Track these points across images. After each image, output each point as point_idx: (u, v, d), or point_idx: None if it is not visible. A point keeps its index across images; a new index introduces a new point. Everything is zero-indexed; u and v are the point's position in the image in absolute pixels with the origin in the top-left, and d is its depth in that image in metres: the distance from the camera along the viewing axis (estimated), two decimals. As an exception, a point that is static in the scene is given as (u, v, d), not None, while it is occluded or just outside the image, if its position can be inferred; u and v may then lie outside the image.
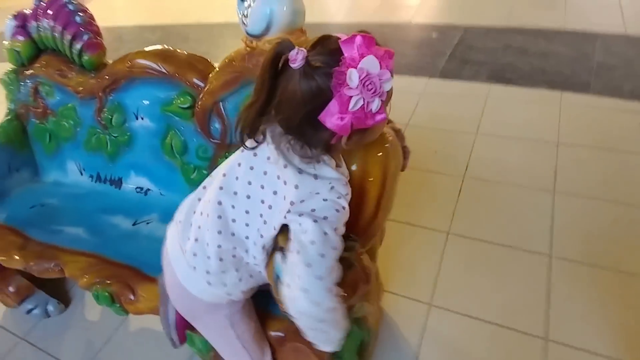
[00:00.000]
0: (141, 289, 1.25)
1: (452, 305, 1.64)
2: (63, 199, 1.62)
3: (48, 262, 1.37)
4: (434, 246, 1.85)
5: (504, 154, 2.29)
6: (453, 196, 2.08)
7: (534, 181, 2.10)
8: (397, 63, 1.10)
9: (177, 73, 1.35)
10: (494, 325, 1.56)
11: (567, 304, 1.59)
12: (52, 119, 1.64)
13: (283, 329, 1.09)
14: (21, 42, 1.57)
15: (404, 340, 1.56)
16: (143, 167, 1.55)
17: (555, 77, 2.84)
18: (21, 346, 1.71)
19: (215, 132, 1.36)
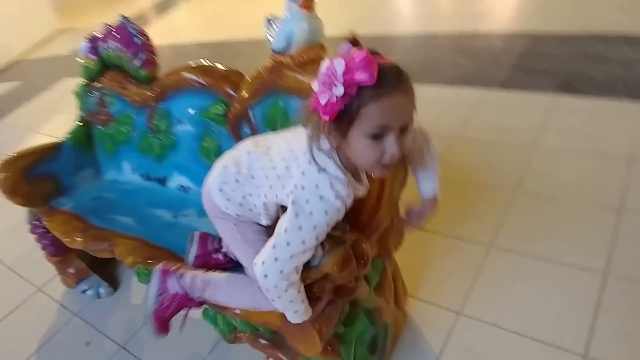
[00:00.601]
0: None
1: (483, 316, 1.60)
2: (118, 194, 1.90)
3: (102, 243, 1.61)
4: (473, 258, 1.81)
5: (565, 169, 2.14)
6: (499, 210, 1.99)
7: (596, 198, 1.95)
8: (451, 74, 1.13)
9: (214, 84, 1.59)
10: (527, 338, 1.50)
11: (616, 323, 1.49)
12: (112, 125, 1.93)
13: None
14: (92, 60, 1.90)
15: (426, 345, 1.56)
16: (184, 168, 1.78)
17: (636, 88, 2.54)
18: (75, 321, 1.99)
19: (245, 135, 1.55)
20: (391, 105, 0.87)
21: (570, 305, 1.58)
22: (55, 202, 1.87)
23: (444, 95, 2.88)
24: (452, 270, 1.79)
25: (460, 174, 2.23)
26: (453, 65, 3.22)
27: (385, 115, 0.88)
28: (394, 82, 0.87)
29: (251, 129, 1.54)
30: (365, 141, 0.90)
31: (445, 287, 1.73)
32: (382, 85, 0.85)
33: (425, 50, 3.58)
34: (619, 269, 1.65)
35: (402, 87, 0.88)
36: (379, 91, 0.86)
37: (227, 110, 1.58)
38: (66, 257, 2.00)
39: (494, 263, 1.78)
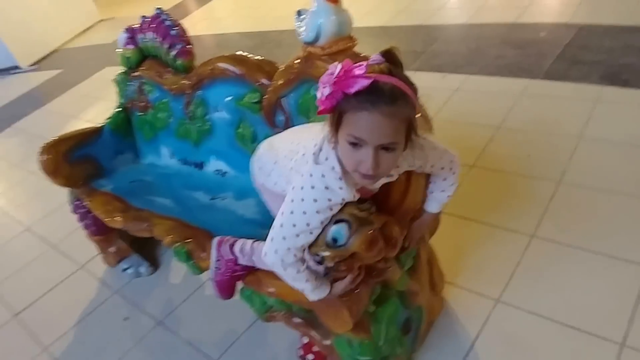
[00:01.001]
0: (211, 247, 1.50)
1: (521, 303, 1.61)
2: (156, 177, 2.00)
3: (142, 223, 1.71)
4: (515, 248, 1.81)
5: (611, 160, 2.11)
6: (544, 201, 1.98)
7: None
8: (495, 64, 1.09)
9: (248, 74, 1.65)
10: (565, 325, 1.52)
11: None
12: (151, 111, 2.03)
13: None
14: (131, 50, 1.99)
15: (462, 330, 1.59)
16: (221, 153, 1.86)
17: None
18: (114, 298, 2.11)
19: (279, 122, 1.61)
20: (368, 122, 0.91)
21: (611, 295, 1.58)
22: (95, 183, 1.99)
23: (488, 85, 2.89)
24: (492, 258, 1.81)
25: (504, 163, 2.25)
26: (498, 56, 3.20)
27: (360, 129, 0.92)
28: (378, 101, 0.90)
29: (285, 116, 1.60)
30: (346, 145, 0.96)
31: (484, 275, 1.75)
32: (366, 100, 0.90)
33: (471, 40, 3.57)
34: None
35: (386, 109, 0.90)
36: (360, 105, 0.90)
37: (261, 99, 1.63)
38: (107, 237, 2.12)
39: (535, 253, 1.78)
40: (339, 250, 1.07)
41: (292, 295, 1.32)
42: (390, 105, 0.91)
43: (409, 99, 0.94)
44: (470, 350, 1.53)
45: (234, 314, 1.84)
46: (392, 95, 0.91)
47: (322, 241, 1.08)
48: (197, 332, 1.85)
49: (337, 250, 1.07)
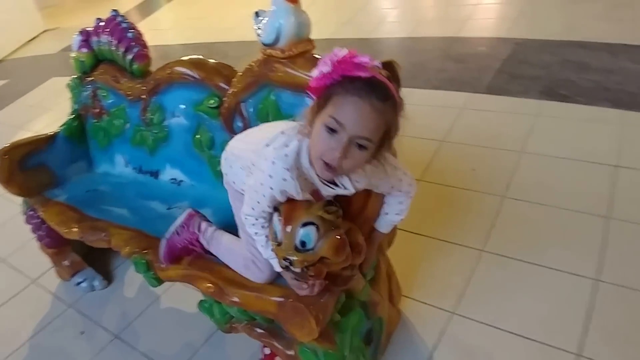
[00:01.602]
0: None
1: (476, 316, 1.64)
2: (111, 186, 1.94)
3: (99, 233, 1.66)
4: (466, 262, 1.84)
5: (552, 176, 2.17)
6: (490, 215, 2.02)
7: (584, 205, 1.97)
8: (437, 78, 1.19)
9: (206, 78, 1.63)
10: (521, 337, 1.55)
11: (610, 325, 1.54)
12: (106, 118, 1.97)
13: (283, 294, 1.25)
14: (85, 53, 1.93)
15: (420, 341, 1.61)
16: (177, 161, 1.83)
17: (619, 94, 2.61)
18: (69, 312, 2.04)
19: (237, 128, 1.59)
20: (354, 107, 0.93)
21: (563, 307, 1.62)
22: (49, 193, 1.92)
23: (431, 98, 2.95)
24: (445, 272, 1.84)
25: (450, 177, 2.29)
26: (440, 70, 3.29)
27: (344, 112, 0.93)
28: (372, 92, 0.92)
29: (243, 122, 1.58)
30: (321, 130, 0.96)
31: (438, 288, 1.77)
32: (361, 88, 0.92)
33: (412, 54, 3.64)
34: (611, 276, 1.69)
35: (377, 103, 0.92)
36: (353, 90, 0.92)
37: (219, 103, 1.61)
38: (62, 249, 2.05)
39: (487, 266, 1.83)
40: (307, 255, 1.06)
41: (255, 304, 1.32)
42: (382, 102, 0.93)
43: (397, 108, 0.96)
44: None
45: (192, 326, 1.81)
46: (386, 94, 0.93)
47: (290, 245, 1.06)
48: (155, 345, 1.81)
49: (305, 254, 1.06)
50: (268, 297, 1.29)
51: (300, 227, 1.05)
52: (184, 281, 1.47)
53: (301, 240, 1.05)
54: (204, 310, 1.52)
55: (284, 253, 1.08)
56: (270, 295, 1.29)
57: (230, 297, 1.34)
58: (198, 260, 1.45)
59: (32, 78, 5.29)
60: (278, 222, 1.09)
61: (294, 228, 1.06)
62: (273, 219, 1.12)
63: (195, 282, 1.43)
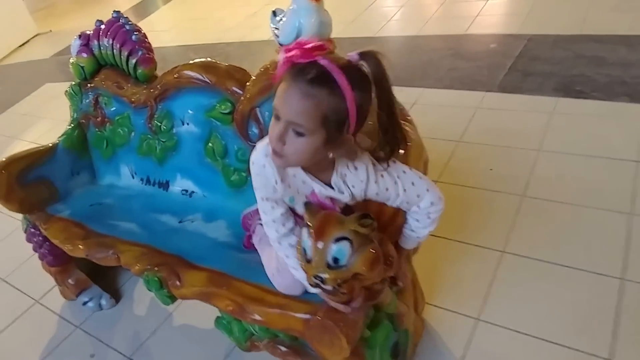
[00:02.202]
0: (186, 274, 1.40)
1: (502, 321, 1.59)
2: (117, 199, 1.84)
3: (107, 251, 1.56)
4: (487, 264, 1.80)
5: (571, 173, 2.12)
6: (510, 215, 1.98)
7: (606, 202, 1.93)
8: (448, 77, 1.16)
9: (218, 82, 1.53)
10: (549, 342, 1.50)
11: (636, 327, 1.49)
12: (109, 127, 1.87)
13: (310, 311, 1.17)
14: (85, 58, 1.83)
15: (447, 352, 1.56)
16: (188, 171, 1.73)
17: (638, 88, 2.53)
18: (77, 333, 1.93)
19: (253, 135, 1.51)
20: (285, 92, 0.94)
21: (590, 309, 1.57)
22: (51, 208, 1.82)
23: (444, 98, 2.89)
24: (467, 276, 1.77)
25: (467, 178, 2.23)
26: (451, 68, 3.21)
27: (278, 98, 0.96)
28: (302, 77, 0.91)
29: (259, 128, 1.49)
30: (272, 119, 0.99)
31: (461, 294, 1.71)
32: (295, 73, 0.93)
33: (422, 52, 3.56)
34: (635, 274, 1.64)
35: (304, 87, 0.91)
36: (288, 75, 0.94)
37: (233, 109, 1.53)
38: (65, 267, 1.95)
39: (508, 268, 1.77)
40: (340, 272, 0.98)
41: (280, 323, 1.24)
42: (310, 86, 0.91)
43: (337, 94, 0.91)
44: None
45: (208, 344, 1.73)
46: (319, 78, 0.91)
47: (321, 262, 0.98)
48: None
49: (338, 271, 0.98)
50: (293, 314, 1.21)
51: (332, 243, 0.97)
52: (200, 299, 1.38)
53: (334, 256, 0.97)
54: (222, 327, 1.44)
55: (315, 271, 1.00)
56: (296, 311, 1.21)
57: (251, 314, 1.26)
58: (215, 276, 1.37)
59: (24, 84, 5.17)
60: (308, 238, 1.00)
61: (326, 244, 0.97)
62: (302, 234, 1.03)
63: (212, 300, 1.34)
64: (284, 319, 1.21)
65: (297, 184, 1.11)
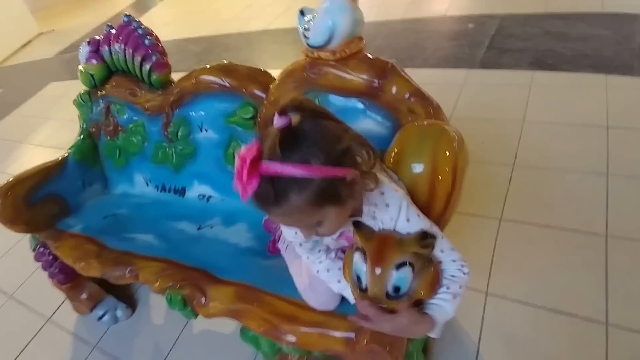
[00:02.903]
0: (212, 290, 1.32)
1: (509, 293, 1.65)
2: (131, 209, 1.76)
3: (124, 269, 1.48)
4: (487, 233, 1.88)
5: (554, 140, 2.30)
6: (504, 184, 2.10)
7: (586, 165, 2.11)
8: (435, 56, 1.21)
9: (239, 86, 1.46)
10: (555, 312, 1.56)
11: (625, 282, 1.59)
12: (122, 135, 1.79)
13: (351, 329, 1.10)
14: (94, 65, 1.74)
15: (464, 333, 1.57)
16: (206, 176, 1.67)
17: (598, 60, 2.82)
18: (95, 354, 1.83)
19: None
20: (275, 219, 0.91)
21: (583, 271, 1.67)
22: (61, 224, 1.73)
23: (432, 77, 3.04)
24: (469, 247, 1.75)
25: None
26: (436, 48, 3.43)
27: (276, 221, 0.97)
28: (267, 205, 0.84)
29: (284, 131, 1.42)
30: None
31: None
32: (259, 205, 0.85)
33: (408, 35, 3.78)
34: (617, 230, 1.78)
35: (277, 210, 0.84)
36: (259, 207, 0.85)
37: (255, 114, 1.46)
38: (77, 282, 1.85)
39: (507, 235, 1.86)
40: (401, 301, 0.91)
41: (319, 344, 1.16)
42: (278, 207, 0.82)
43: (306, 181, 0.80)
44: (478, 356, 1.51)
45: (232, 352, 1.66)
46: (277, 196, 0.81)
47: (380, 291, 0.90)
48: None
49: (399, 301, 0.90)
50: (332, 333, 1.14)
51: (393, 270, 0.89)
52: (229, 317, 1.31)
53: (395, 285, 0.89)
54: (248, 340, 1.37)
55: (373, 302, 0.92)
56: (335, 330, 1.14)
57: (285, 336, 1.19)
58: (243, 291, 1.30)
59: (28, 85, 5.08)
60: (362, 263, 0.92)
61: (385, 270, 0.90)
62: (354, 258, 0.95)
63: (242, 319, 1.27)
64: (323, 339, 1.15)
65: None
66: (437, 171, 1.04)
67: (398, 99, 1.25)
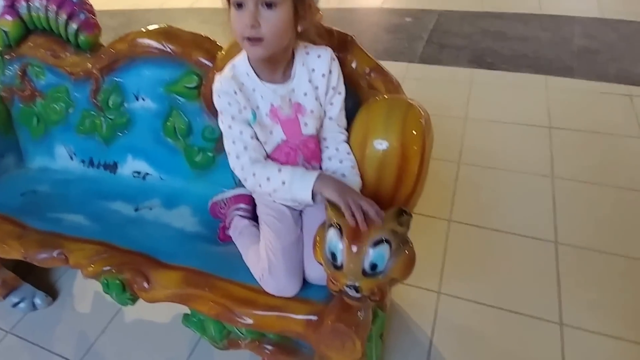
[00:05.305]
0: (156, 275, 1.26)
1: (461, 293, 1.70)
2: (54, 185, 1.63)
3: (51, 251, 1.36)
4: (437, 234, 1.91)
5: (497, 140, 2.36)
6: (450, 183, 2.13)
7: (531, 167, 2.18)
8: (374, 48, 1.25)
9: (183, 52, 1.38)
10: (506, 311, 1.62)
11: (579, 290, 1.67)
12: (40, 101, 1.63)
13: (312, 312, 1.11)
14: (9, 22, 1.56)
15: (417, 329, 1.62)
16: (142, 151, 1.57)
17: (538, 61, 2.94)
18: (8, 339, 1.72)
19: None
20: None
21: (534, 274, 1.73)
22: (-28, 202, 1.56)
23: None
24: (422, 247, 1.81)
25: None
26: (375, 40, 3.45)
27: None
28: None
29: (231, 103, 1.37)
30: (232, 11, 1.01)
31: (420, 267, 1.77)
32: None
33: (346, 24, 3.78)
34: (565, 237, 1.85)
35: None
36: None
37: (200, 82, 1.39)
38: (-12, 268, 1.70)
39: (457, 236, 1.90)
40: (377, 279, 0.92)
41: (278, 326, 1.16)
42: None
43: None
44: (431, 348, 1.56)
45: (169, 339, 1.63)
46: None
47: (357, 268, 0.91)
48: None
49: (375, 279, 0.91)
50: (293, 316, 1.13)
51: (370, 247, 0.90)
52: (176, 302, 1.26)
53: (372, 262, 0.90)
54: (193, 326, 1.33)
55: (346, 279, 0.92)
56: (296, 313, 1.14)
57: (241, 319, 1.16)
58: (192, 276, 1.25)
59: None
60: (338, 240, 0.92)
61: (361, 248, 0.90)
62: (329, 235, 0.95)
63: (191, 303, 1.24)
64: (282, 321, 1.14)
65: (256, 98, 1.13)
66: (407, 147, 1.07)
67: (358, 74, 1.25)
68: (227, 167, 1.44)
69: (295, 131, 1.16)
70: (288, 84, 1.14)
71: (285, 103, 1.14)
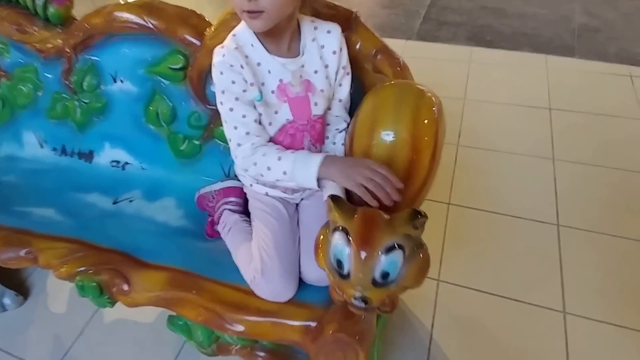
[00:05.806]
0: (136, 276, 1.17)
1: (461, 281, 1.65)
2: (21, 176, 1.51)
3: (17, 250, 1.25)
4: (436, 218, 1.85)
5: (497, 121, 2.32)
6: (449, 165, 2.08)
7: (532, 149, 2.15)
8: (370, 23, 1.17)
9: (166, 29, 1.25)
10: (509, 299, 1.59)
11: (579, 273, 1.64)
12: (5, 82, 1.50)
13: (311, 317, 1.03)
14: (-32, -9, 1.41)
15: (416, 319, 1.57)
16: (120, 138, 1.46)
17: (537, 39, 2.93)
18: (-24, 347, 1.59)
19: (211, 95, 1.27)
20: None
21: (536, 258, 1.70)
22: None
23: None
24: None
25: None
26: (371, 15, 3.48)
27: None
28: None
29: (220, 86, 1.25)
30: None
31: None
32: None
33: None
34: (567, 219, 1.84)
35: None
36: None
37: (186, 63, 1.27)
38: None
39: (456, 221, 1.87)
40: (389, 289, 0.81)
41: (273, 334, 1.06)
42: None
43: None
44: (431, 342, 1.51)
45: (153, 342, 1.53)
46: None
47: (366, 278, 0.80)
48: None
49: (387, 289, 0.81)
50: (289, 323, 1.04)
51: (382, 254, 0.79)
52: (159, 306, 1.16)
53: (383, 271, 0.80)
54: (177, 329, 1.24)
55: (354, 290, 0.82)
56: (292, 319, 1.05)
57: (232, 326, 1.07)
58: (178, 277, 1.15)
59: None
60: (344, 245, 0.81)
61: (371, 254, 0.79)
62: (334, 239, 0.83)
63: (176, 308, 1.14)
64: (277, 328, 1.05)
65: (263, 74, 1.04)
66: (418, 138, 0.99)
67: (363, 55, 1.14)
68: (215, 156, 1.36)
69: (305, 111, 1.08)
70: (298, 59, 1.05)
71: (297, 79, 1.05)
